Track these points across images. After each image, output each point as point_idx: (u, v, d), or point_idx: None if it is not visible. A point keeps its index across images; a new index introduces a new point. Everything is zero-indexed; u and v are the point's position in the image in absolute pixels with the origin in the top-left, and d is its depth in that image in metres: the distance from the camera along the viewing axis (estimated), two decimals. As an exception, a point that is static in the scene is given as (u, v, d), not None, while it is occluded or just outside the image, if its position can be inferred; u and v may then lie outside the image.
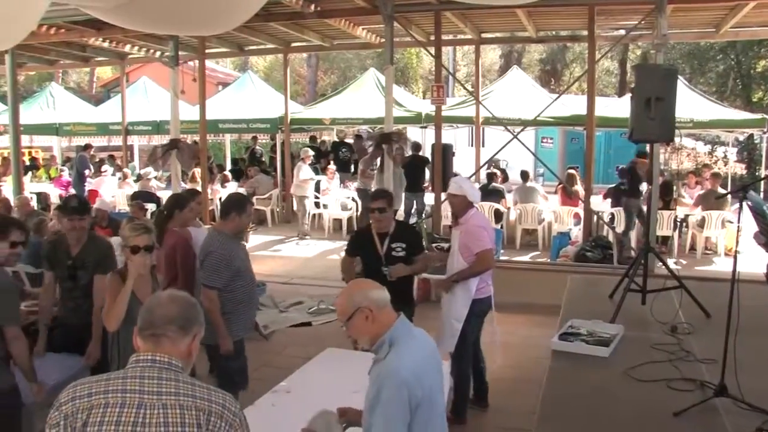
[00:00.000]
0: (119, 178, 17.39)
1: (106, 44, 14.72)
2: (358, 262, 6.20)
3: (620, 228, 11.75)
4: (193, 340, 2.55)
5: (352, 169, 16.69)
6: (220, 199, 15.24)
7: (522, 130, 11.88)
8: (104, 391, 2.35)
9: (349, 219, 14.94)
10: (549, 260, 11.63)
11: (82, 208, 5.59)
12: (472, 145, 18.71)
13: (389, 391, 2.91)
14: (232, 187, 15.81)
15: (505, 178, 15.63)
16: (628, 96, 15.93)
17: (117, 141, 21.32)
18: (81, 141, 20.10)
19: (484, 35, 14.61)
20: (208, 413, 2.35)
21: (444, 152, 11.75)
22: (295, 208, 15.42)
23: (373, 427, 2.94)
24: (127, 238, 4.64)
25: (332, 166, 16.52)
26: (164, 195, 14.23)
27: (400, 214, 13.51)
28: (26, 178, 16.83)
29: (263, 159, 20.00)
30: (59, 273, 5.54)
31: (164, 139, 13.87)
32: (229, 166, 20.73)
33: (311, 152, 15.43)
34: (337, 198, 15.22)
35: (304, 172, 14.63)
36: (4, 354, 4.36)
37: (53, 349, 5.43)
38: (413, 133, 18.35)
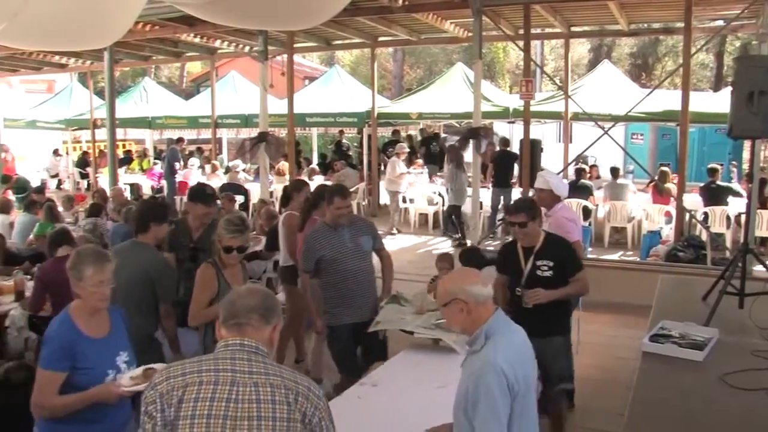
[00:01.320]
0: (207, 170, 17.81)
1: (197, 40, 15.08)
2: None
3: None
4: (274, 330, 2.65)
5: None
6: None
7: (613, 126, 11.58)
8: (197, 371, 2.47)
9: (435, 213, 14.90)
10: (639, 259, 11.33)
11: (214, 197, 6.39)
12: (559, 141, 18.39)
13: (490, 382, 2.93)
14: (319, 180, 15.98)
15: (597, 175, 15.34)
16: (724, 90, 15.38)
17: (206, 134, 21.89)
18: (172, 134, 20.73)
19: (573, 29, 14.33)
20: (296, 393, 2.46)
21: (532, 147, 11.57)
22: (384, 202, 15.45)
23: (477, 420, 2.94)
24: (222, 237, 4.75)
25: (420, 160, 16.49)
26: (252, 187, 14.53)
27: (486, 209, 13.40)
28: (120, 170, 17.46)
29: (350, 153, 20.14)
30: (180, 255, 5.91)
31: (252, 132, 14.12)
32: (315, 159, 20.97)
33: (407, 148, 15.34)
34: (423, 192, 15.18)
35: (401, 167, 14.60)
36: (154, 330, 4.94)
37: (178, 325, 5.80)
38: (500, 128, 18.18)
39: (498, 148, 13.52)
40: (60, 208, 10.66)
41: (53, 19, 6.95)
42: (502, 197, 13.59)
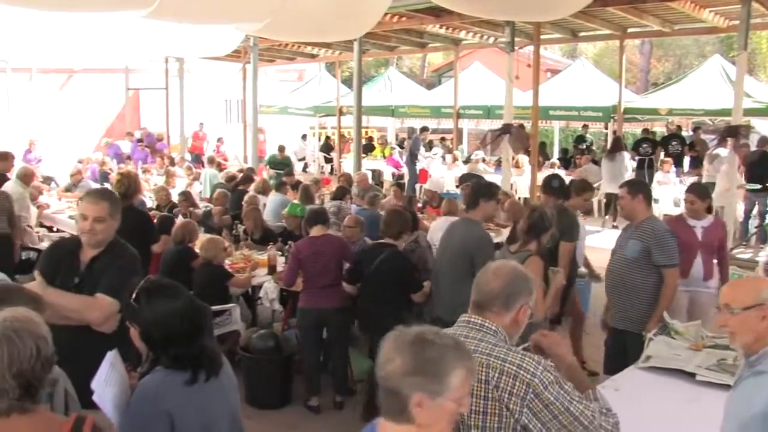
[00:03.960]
0: (447, 160, 18.07)
1: (442, 31, 15.26)
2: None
3: None
4: (518, 313, 2.73)
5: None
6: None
7: None
8: None
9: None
10: None
11: (565, 192, 6.67)
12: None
13: None
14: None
15: None
16: None
17: (446, 124, 22.18)
18: (413, 122, 21.28)
19: None
20: (499, 372, 2.57)
21: (800, 149, 10.46)
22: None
23: None
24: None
25: (668, 159, 15.56)
26: (492, 179, 14.55)
27: (739, 214, 12.36)
28: (361, 156, 18.20)
29: (593, 148, 19.53)
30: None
31: (493, 124, 14.08)
32: (556, 154, 20.58)
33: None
34: (671, 193, 14.22)
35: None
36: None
37: None
38: (761, 126, 16.78)
39: (753, 148, 12.39)
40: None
41: (313, 13, 7.38)
42: (756, 202, 12.45)
